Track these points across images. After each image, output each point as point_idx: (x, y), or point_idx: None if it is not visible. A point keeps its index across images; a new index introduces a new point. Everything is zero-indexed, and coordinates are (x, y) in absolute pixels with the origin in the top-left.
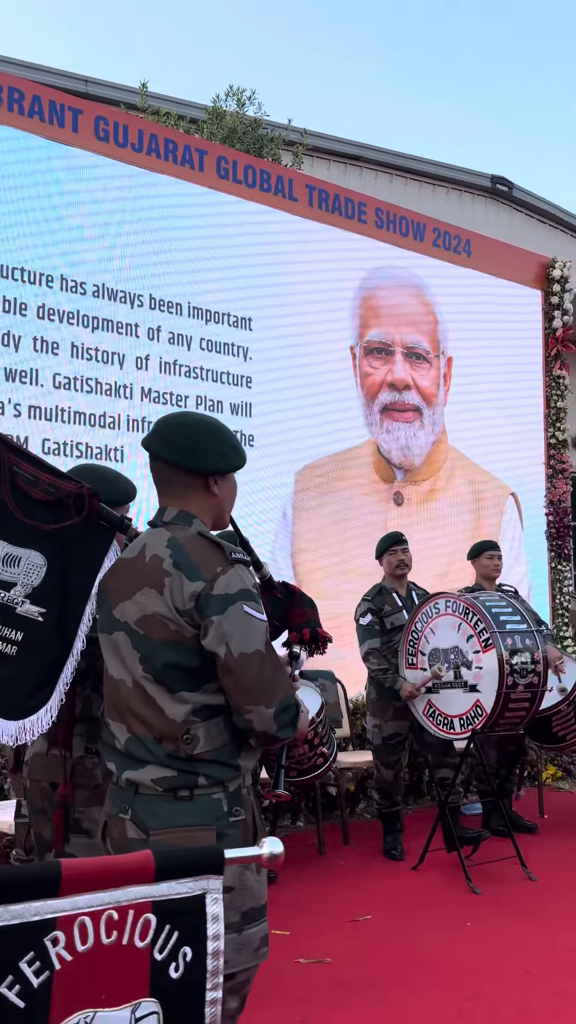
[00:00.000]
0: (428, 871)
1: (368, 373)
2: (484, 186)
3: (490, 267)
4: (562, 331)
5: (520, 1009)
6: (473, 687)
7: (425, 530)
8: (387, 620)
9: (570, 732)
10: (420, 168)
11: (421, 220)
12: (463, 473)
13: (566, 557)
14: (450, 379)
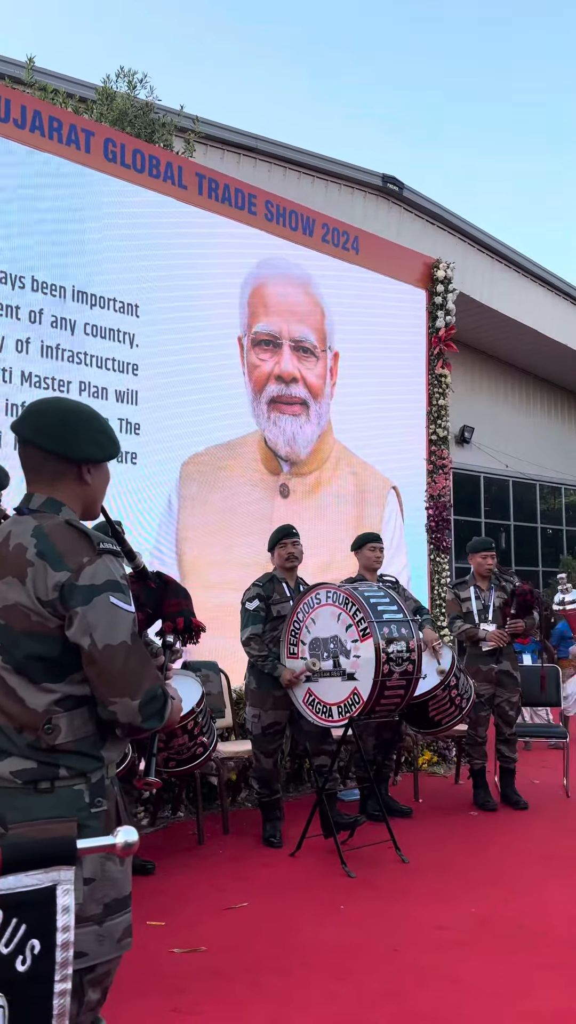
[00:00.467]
0: (305, 857)
1: (256, 365)
2: (375, 184)
3: (377, 265)
4: (445, 331)
5: (386, 986)
6: (351, 675)
7: (310, 521)
8: (274, 608)
9: (445, 716)
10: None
11: (311, 215)
12: (347, 466)
13: (445, 549)
14: (336, 374)
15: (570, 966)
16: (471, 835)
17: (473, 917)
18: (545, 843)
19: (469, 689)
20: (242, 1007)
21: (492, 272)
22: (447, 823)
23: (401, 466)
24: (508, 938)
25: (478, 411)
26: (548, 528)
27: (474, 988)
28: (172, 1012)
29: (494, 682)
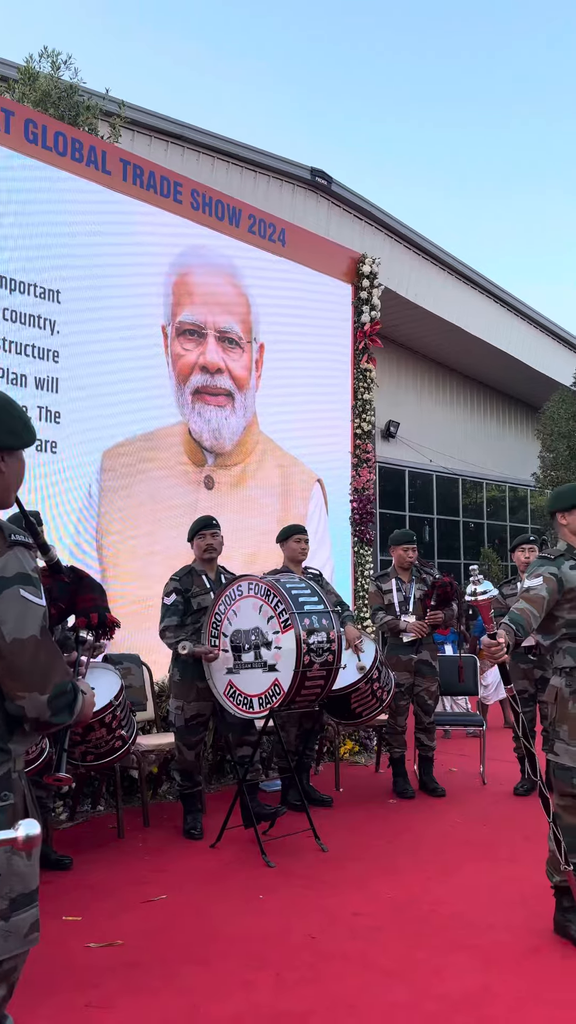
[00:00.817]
0: (226, 848)
1: (180, 354)
2: (304, 178)
3: (304, 258)
4: (370, 326)
5: (302, 974)
6: (272, 667)
7: (235, 513)
8: (194, 601)
9: (367, 709)
10: (242, 154)
11: (237, 205)
12: (273, 459)
13: (368, 542)
14: (262, 365)
15: (482, 948)
16: (390, 823)
17: (390, 903)
18: (461, 830)
19: (390, 681)
20: (157, 999)
21: (418, 269)
22: (366, 811)
23: (326, 459)
24: (423, 922)
25: (403, 406)
26: (470, 522)
27: (389, 972)
28: (86, 1007)
29: (413, 672)
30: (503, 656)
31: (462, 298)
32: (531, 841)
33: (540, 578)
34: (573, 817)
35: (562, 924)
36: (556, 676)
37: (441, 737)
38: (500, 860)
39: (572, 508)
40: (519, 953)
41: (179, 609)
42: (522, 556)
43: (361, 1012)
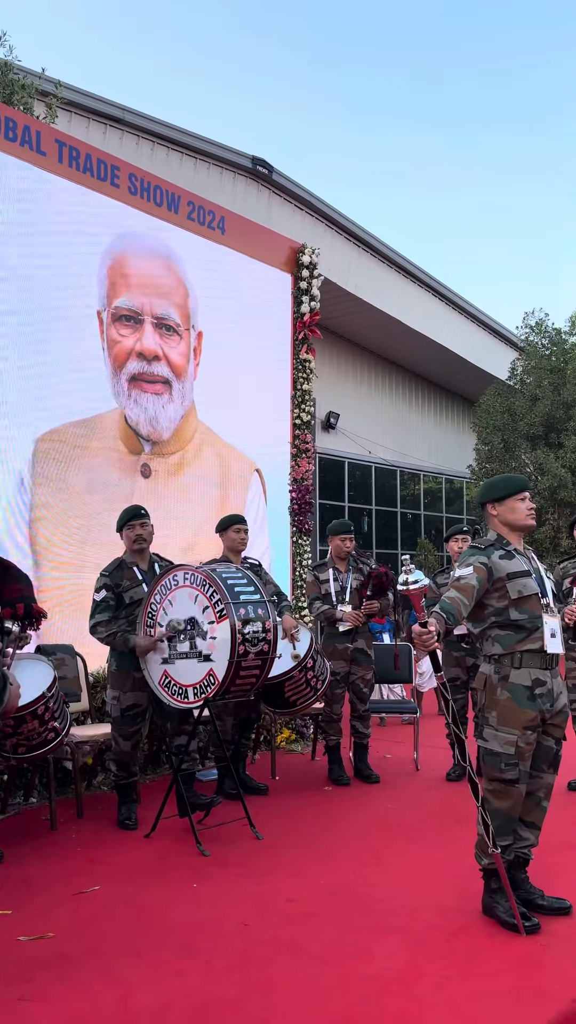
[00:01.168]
0: (160, 838)
1: (116, 340)
2: (245, 166)
3: (243, 246)
4: (309, 316)
5: (234, 960)
6: (207, 657)
7: (173, 503)
8: (125, 595)
9: (301, 697)
10: (182, 140)
11: (176, 191)
12: (211, 447)
13: (307, 532)
14: (200, 353)
15: (409, 930)
16: (324, 810)
17: (323, 889)
18: (394, 815)
19: (325, 670)
20: (89, 990)
21: (359, 261)
22: (302, 799)
23: (265, 449)
24: (354, 907)
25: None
26: (408, 513)
27: (320, 956)
28: (18, 1001)
29: (349, 660)
30: (434, 644)
31: (402, 291)
32: (462, 825)
33: (470, 567)
34: (501, 801)
35: (489, 905)
36: (485, 663)
37: (377, 725)
38: (431, 844)
39: (502, 499)
40: (448, 934)
41: (110, 605)
42: (455, 546)
43: (291, 996)
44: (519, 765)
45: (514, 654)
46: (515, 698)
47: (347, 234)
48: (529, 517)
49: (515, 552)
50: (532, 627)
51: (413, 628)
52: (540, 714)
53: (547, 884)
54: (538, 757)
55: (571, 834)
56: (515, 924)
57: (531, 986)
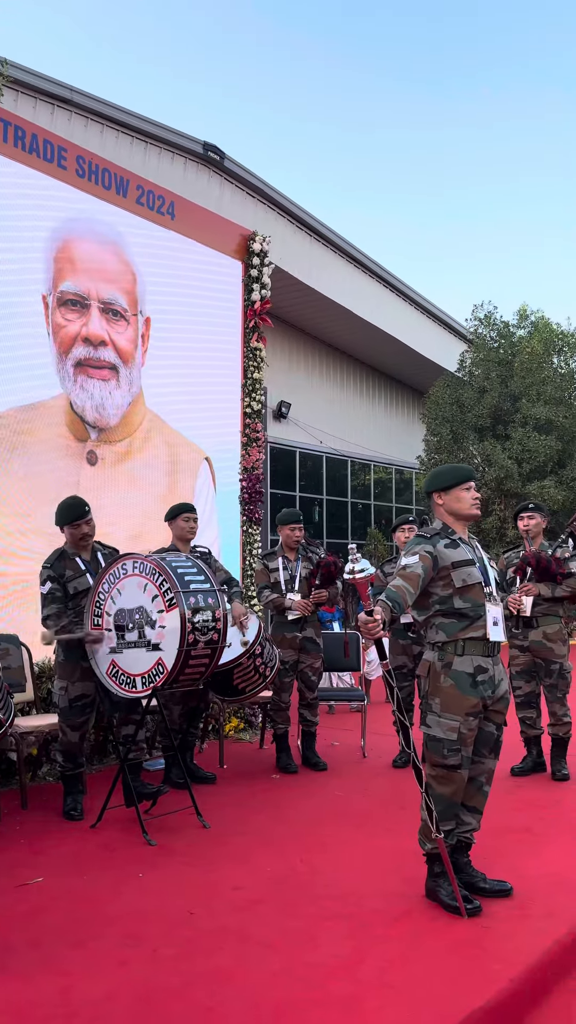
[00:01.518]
0: (106, 829)
1: (62, 325)
2: (196, 151)
3: (193, 232)
4: (260, 304)
5: (179, 950)
6: (156, 646)
7: (120, 490)
8: (69, 585)
9: (250, 684)
10: (133, 123)
11: (125, 175)
12: (159, 435)
13: (257, 521)
14: (148, 340)
15: (353, 917)
16: (271, 798)
17: (269, 876)
18: (340, 802)
19: (274, 657)
20: (31, 983)
21: (311, 250)
22: (249, 787)
23: (215, 438)
24: (300, 894)
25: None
26: (358, 503)
27: (265, 943)
28: None
29: (298, 648)
30: (379, 632)
31: (353, 281)
32: (407, 811)
33: (416, 556)
34: (443, 787)
35: (432, 889)
36: (429, 650)
37: (326, 713)
38: (377, 830)
39: (448, 488)
40: (391, 918)
41: (57, 596)
42: (402, 536)
43: (236, 982)
44: (461, 751)
45: (457, 642)
46: (458, 685)
47: (299, 223)
48: (474, 507)
49: (460, 541)
50: (475, 615)
51: (359, 616)
52: (482, 700)
53: (488, 867)
54: (480, 743)
55: (512, 818)
56: (457, 907)
57: (472, 967)
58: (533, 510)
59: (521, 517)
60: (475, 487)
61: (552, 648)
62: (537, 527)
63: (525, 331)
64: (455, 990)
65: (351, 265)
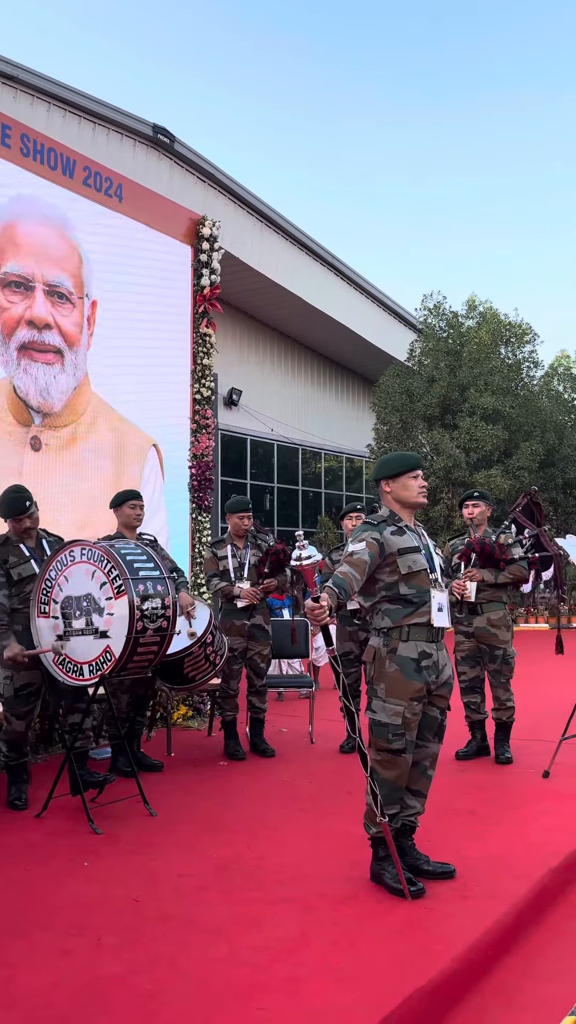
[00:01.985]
0: (51, 818)
1: (4, 308)
2: (146, 134)
3: (141, 216)
4: (210, 289)
5: (124, 937)
6: (103, 633)
7: (65, 477)
8: (13, 572)
9: (200, 672)
10: (81, 103)
11: (72, 155)
12: (105, 421)
13: (206, 509)
14: (94, 323)
15: (298, 900)
16: (219, 785)
17: (215, 862)
18: (288, 788)
19: (223, 645)
20: None
21: (262, 237)
22: (197, 775)
23: (163, 424)
24: (246, 880)
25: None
26: (309, 491)
27: (210, 929)
28: None
29: (246, 636)
30: (325, 618)
31: (305, 270)
32: (353, 795)
33: (363, 543)
34: (388, 771)
35: (377, 872)
36: (375, 636)
37: (275, 699)
38: (323, 815)
39: (395, 476)
40: (336, 902)
41: (1, 582)
42: (350, 524)
43: (181, 969)
44: (406, 735)
45: (402, 627)
46: (403, 670)
47: (250, 209)
48: (420, 495)
49: (406, 528)
50: (420, 601)
51: (306, 603)
52: (426, 686)
53: (434, 850)
54: (424, 727)
55: (456, 801)
56: (401, 890)
57: (415, 948)
58: (478, 498)
59: (466, 505)
60: (423, 475)
61: (496, 634)
62: (482, 515)
63: (474, 321)
64: (398, 970)
65: (303, 253)
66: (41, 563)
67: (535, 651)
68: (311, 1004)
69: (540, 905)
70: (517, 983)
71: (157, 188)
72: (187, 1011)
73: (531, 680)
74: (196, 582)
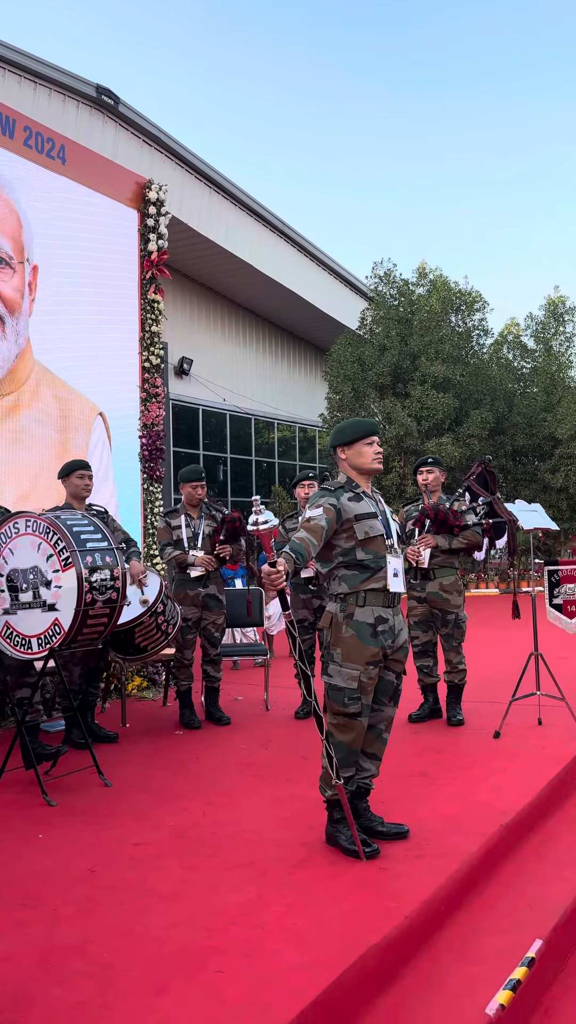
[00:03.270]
0: (4, 791)
1: None
2: (89, 95)
3: (85, 178)
4: (157, 255)
5: (79, 907)
6: (52, 606)
7: (7, 448)
8: None
9: (152, 642)
10: (21, 62)
11: (11, 115)
12: (49, 388)
13: (158, 479)
14: (36, 288)
15: (254, 865)
16: (175, 754)
17: (171, 831)
18: (244, 754)
19: (175, 615)
20: None
21: (210, 202)
22: (152, 744)
23: (111, 393)
24: (202, 846)
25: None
26: (263, 461)
27: (166, 896)
28: None
29: (200, 606)
30: (282, 583)
31: (255, 236)
32: (308, 760)
33: (320, 508)
34: (344, 735)
35: (332, 835)
36: (331, 602)
37: (230, 669)
38: (279, 781)
39: (351, 443)
40: (291, 865)
41: None
42: (302, 492)
43: (137, 936)
44: (361, 699)
45: (359, 593)
46: (359, 635)
47: (198, 174)
48: (375, 461)
49: (363, 495)
50: (376, 567)
51: (263, 568)
52: (382, 650)
53: (388, 812)
54: (380, 691)
55: (410, 763)
56: (356, 851)
57: (369, 907)
58: (432, 464)
59: (420, 471)
60: (378, 442)
61: (448, 599)
62: (436, 481)
63: (424, 289)
64: (353, 929)
65: (252, 219)
66: None
67: (486, 616)
68: (268, 965)
69: (491, 861)
70: (469, 937)
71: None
72: (144, 976)
73: (482, 644)
74: (149, 553)
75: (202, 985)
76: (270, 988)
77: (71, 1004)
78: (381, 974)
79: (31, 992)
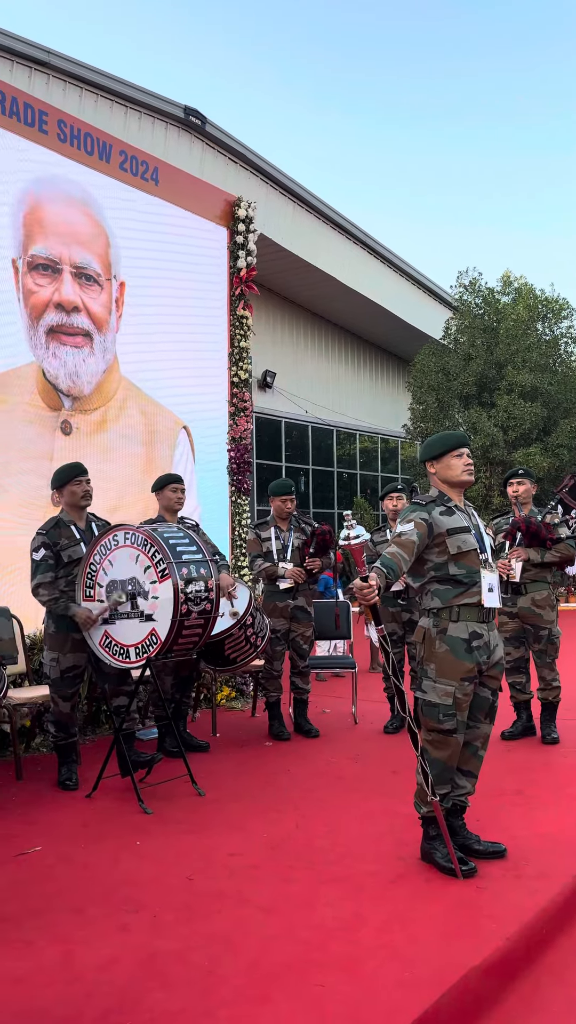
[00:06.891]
0: (102, 798)
1: (32, 291)
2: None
3: (177, 198)
4: (246, 271)
5: (179, 914)
6: (149, 616)
7: (96, 461)
8: (64, 553)
9: (241, 654)
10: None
11: (108, 140)
12: (135, 403)
13: (246, 491)
14: (123, 305)
15: (350, 879)
16: (265, 765)
17: (265, 841)
18: (334, 768)
19: (264, 627)
20: (31, 949)
21: (295, 217)
22: (243, 755)
23: (197, 407)
24: (297, 858)
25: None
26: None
27: (263, 907)
28: None
29: (289, 617)
30: (374, 598)
31: (338, 249)
32: (399, 775)
33: (411, 523)
34: (439, 751)
35: (428, 851)
36: (424, 617)
37: (316, 680)
38: (370, 794)
39: (440, 456)
40: (388, 880)
41: (50, 564)
42: (390, 504)
43: (236, 946)
44: (457, 716)
45: (452, 608)
46: (453, 650)
47: (282, 189)
48: (466, 472)
49: (455, 508)
50: (470, 582)
51: (354, 583)
52: (477, 666)
53: (483, 830)
54: (475, 708)
55: (504, 781)
56: (453, 868)
57: (468, 927)
58: (523, 476)
59: (511, 483)
60: (468, 454)
61: (540, 614)
62: (527, 493)
63: (509, 298)
64: (452, 949)
65: (335, 232)
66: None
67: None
68: (367, 981)
69: None
70: (571, 961)
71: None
72: (245, 986)
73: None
74: (236, 565)
75: (303, 998)
76: (370, 1005)
77: (174, 1010)
78: (482, 996)
79: (136, 995)
